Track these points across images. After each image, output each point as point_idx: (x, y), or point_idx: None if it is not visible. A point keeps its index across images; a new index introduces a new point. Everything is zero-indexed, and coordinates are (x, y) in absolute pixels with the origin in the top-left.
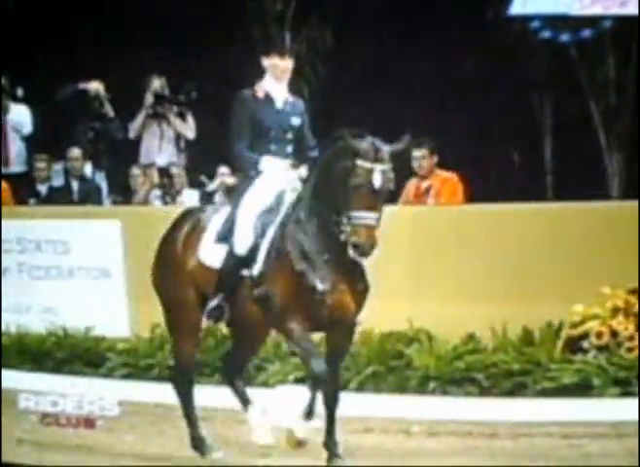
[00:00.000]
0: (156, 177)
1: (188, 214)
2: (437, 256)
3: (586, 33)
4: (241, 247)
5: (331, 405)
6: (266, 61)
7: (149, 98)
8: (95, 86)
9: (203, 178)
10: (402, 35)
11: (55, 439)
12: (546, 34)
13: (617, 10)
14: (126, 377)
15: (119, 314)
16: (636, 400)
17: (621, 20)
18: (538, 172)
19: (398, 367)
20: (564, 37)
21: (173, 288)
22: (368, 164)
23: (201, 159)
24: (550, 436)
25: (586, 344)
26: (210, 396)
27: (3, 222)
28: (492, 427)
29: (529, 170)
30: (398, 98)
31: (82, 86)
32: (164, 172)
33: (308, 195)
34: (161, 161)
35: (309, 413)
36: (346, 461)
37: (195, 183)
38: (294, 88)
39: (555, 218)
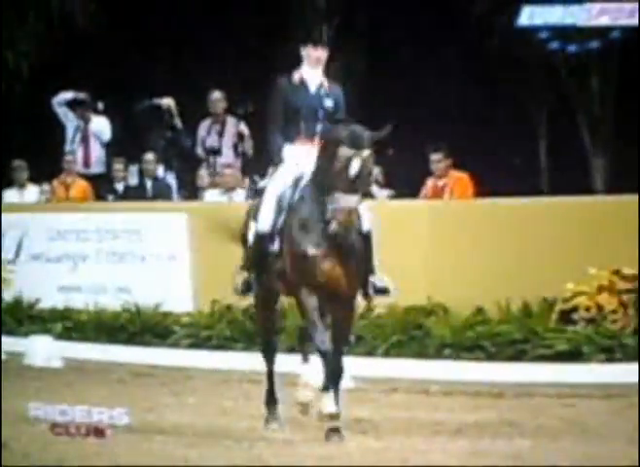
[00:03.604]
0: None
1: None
2: (451, 243)
3: (573, 50)
4: (263, 225)
5: (334, 377)
6: (302, 50)
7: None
8: (167, 101)
9: (256, 177)
10: (423, 58)
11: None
12: (542, 52)
13: (624, 21)
14: (190, 346)
15: (183, 293)
16: (620, 365)
17: (605, 40)
18: (535, 172)
19: (418, 336)
20: (555, 57)
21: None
22: (347, 151)
23: (255, 161)
24: (546, 396)
25: (576, 317)
26: None
27: (84, 215)
28: (498, 387)
29: (528, 170)
30: (421, 111)
31: (156, 101)
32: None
33: (310, 177)
34: (221, 162)
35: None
36: (375, 416)
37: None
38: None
39: (550, 210)
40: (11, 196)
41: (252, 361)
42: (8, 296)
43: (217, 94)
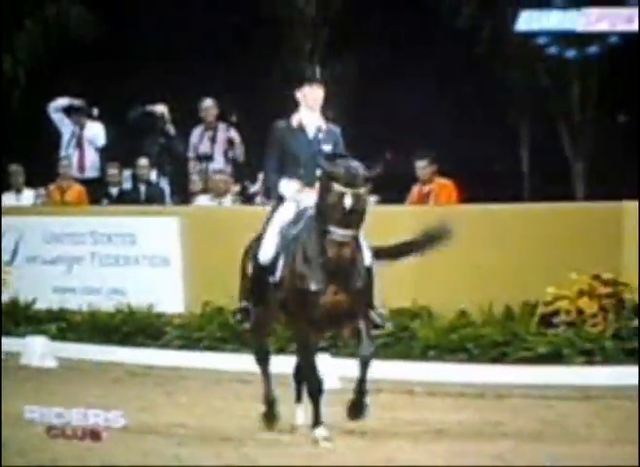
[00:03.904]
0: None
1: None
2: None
3: (555, 64)
4: (265, 256)
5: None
6: (298, 93)
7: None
8: (161, 109)
9: (247, 183)
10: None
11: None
12: (523, 61)
13: (622, 26)
14: (182, 347)
15: (175, 295)
16: (599, 368)
17: (586, 53)
18: (517, 179)
19: (404, 338)
20: (537, 65)
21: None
22: (340, 188)
23: (245, 167)
24: (527, 397)
25: (556, 320)
26: None
27: (79, 218)
28: (481, 389)
29: (510, 178)
30: (407, 120)
31: (149, 108)
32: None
33: (312, 210)
34: (213, 168)
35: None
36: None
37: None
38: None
39: (531, 216)
40: (7, 199)
41: (242, 362)
42: (4, 297)
43: (208, 102)
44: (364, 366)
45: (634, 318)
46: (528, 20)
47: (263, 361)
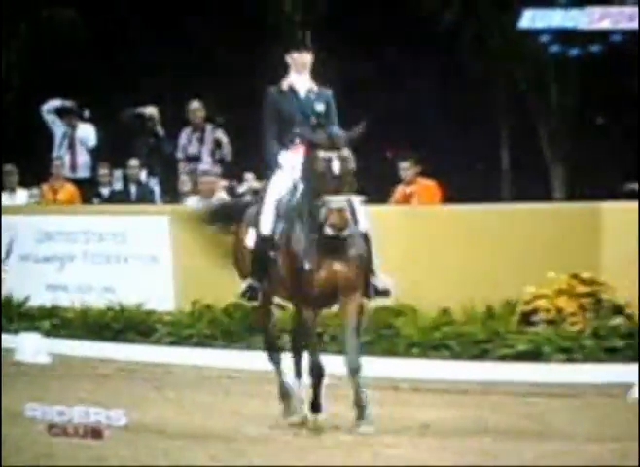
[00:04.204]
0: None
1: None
2: (419, 246)
3: (534, 67)
4: (265, 228)
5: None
6: (288, 58)
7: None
8: (150, 110)
9: (234, 183)
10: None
11: None
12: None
13: (625, 24)
14: (171, 343)
15: (165, 292)
16: (578, 365)
17: (564, 59)
18: (498, 180)
19: (388, 335)
20: (518, 69)
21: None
22: (325, 153)
23: (232, 167)
24: (508, 394)
25: (536, 319)
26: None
27: (71, 218)
28: (463, 385)
29: (491, 179)
30: (391, 122)
31: (140, 110)
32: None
33: (302, 183)
34: (201, 169)
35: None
36: (347, 411)
37: (227, 187)
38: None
39: (512, 217)
40: (1, 199)
41: (231, 358)
42: None
43: (196, 104)
44: (353, 375)
45: (612, 317)
46: (532, 19)
47: (274, 354)
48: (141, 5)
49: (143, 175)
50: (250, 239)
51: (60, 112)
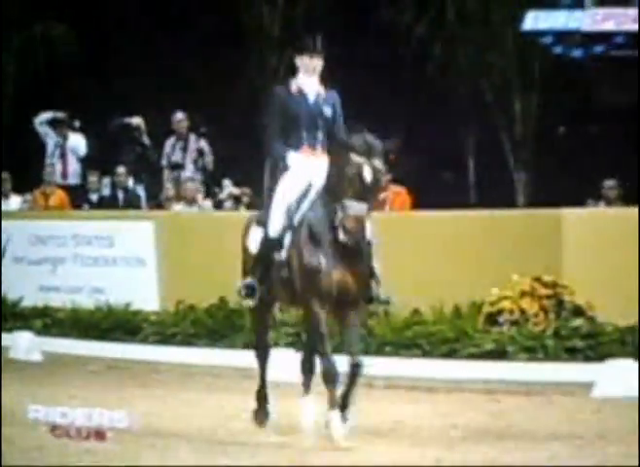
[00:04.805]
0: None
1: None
2: (390, 251)
3: (498, 80)
4: (273, 231)
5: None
6: (298, 60)
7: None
8: (137, 120)
9: (216, 190)
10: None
11: None
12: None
13: (629, 26)
14: (157, 342)
15: (151, 293)
16: (541, 364)
17: (525, 69)
18: (464, 187)
19: (361, 335)
20: (483, 83)
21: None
22: (360, 159)
23: (214, 174)
24: (475, 391)
25: (501, 319)
26: None
27: (62, 222)
28: (432, 383)
29: (458, 186)
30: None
31: (127, 120)
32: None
33: (322, 186)
34: (184, 176)
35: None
36: (323, 408)
37: (209, 193)
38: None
39: (477, 222)
40: None
41: (214, 356)
42: None
43: (180, 115)
44: (355, 376)
45: (573, 318)
46: (534, 20)
47: (262, 356)
48: (129, 21)
49: (130, 182)
50: (253, 239)
51: (52, 123)
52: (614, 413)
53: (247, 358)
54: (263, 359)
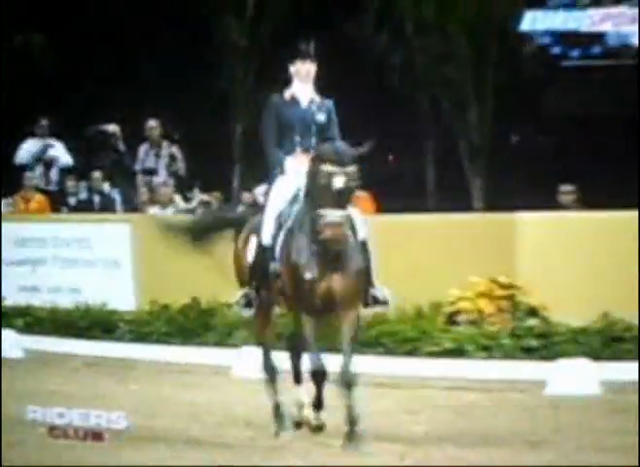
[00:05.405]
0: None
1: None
2: None
3: (455, 89)
4: (266, 238)
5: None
6: (291, 68)
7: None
8: (113, 128)
9: (188, 194)
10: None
11: None
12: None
13: (627, 27)
14: (132, 340)
15: (126, 293)
16: (498, 362)
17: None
18: (422, 193)
19: (329, 334)
20: (441, 92)
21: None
22: (330, 168)
23: (186, 179)
24: (437, 388)
25: (460, 319)
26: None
27: (42, 225)
28: (396, 380)
29: (416, 192)
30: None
31: (103, 128)
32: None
33: (303, 194)
34: (157, 181)
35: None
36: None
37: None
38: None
39: (437, 226)
40: None
41: (187, 354)
42: None
43: (152, 122)
44: (347, 389)
45: (527, 318)
46: (532, 21)
47: (270, 370)
48: (105, 32)
49: (106, 186)
50: (251, 248)
51: (34, 132)
52: (567, 410)
53: (218, 355)
54: (272, 379)
